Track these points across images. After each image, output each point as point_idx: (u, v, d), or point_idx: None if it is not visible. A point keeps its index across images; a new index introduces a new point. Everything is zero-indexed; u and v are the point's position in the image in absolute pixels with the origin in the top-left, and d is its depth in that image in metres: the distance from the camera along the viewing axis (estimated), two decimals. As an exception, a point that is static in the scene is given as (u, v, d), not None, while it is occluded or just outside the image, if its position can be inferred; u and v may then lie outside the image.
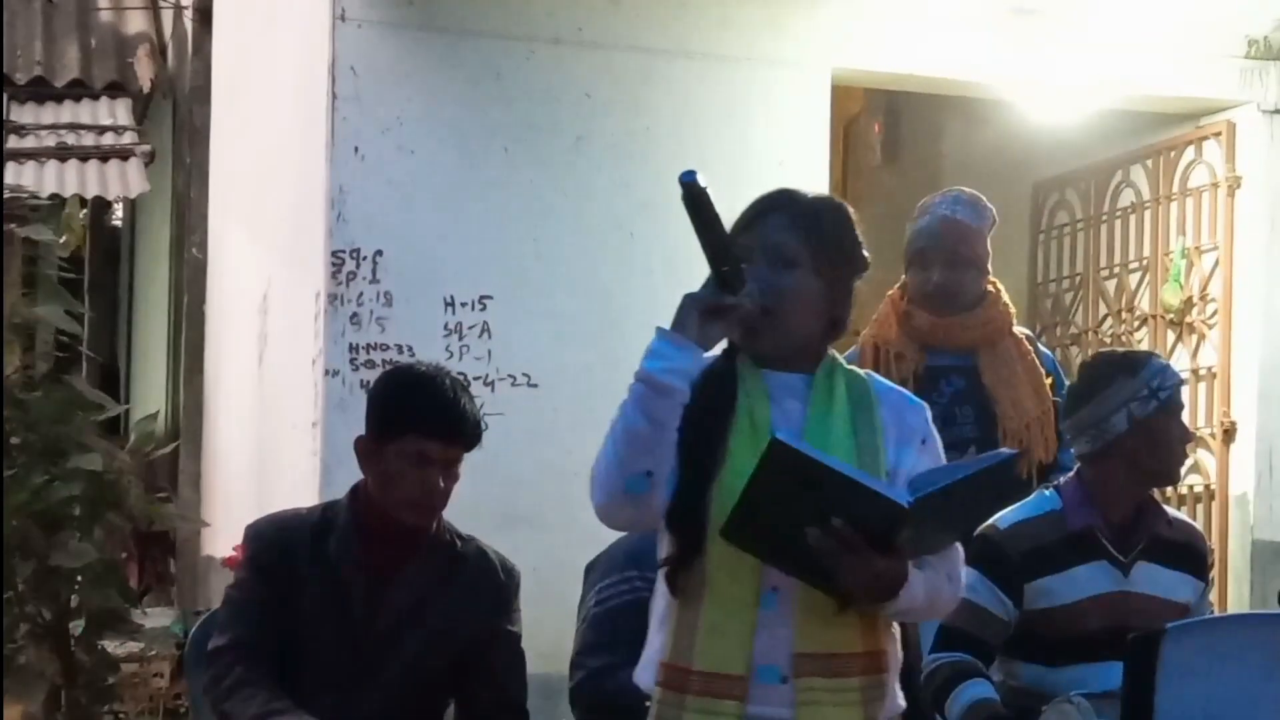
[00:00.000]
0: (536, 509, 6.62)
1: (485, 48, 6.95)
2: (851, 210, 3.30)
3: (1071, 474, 4.37)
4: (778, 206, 3.20)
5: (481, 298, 6.90)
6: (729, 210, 3.11)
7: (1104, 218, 8.71)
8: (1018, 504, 4.37)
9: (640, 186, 6.92)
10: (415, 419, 3.98)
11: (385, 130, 6.83)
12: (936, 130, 9.92)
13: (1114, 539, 4.27)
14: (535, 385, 6.87)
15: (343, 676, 4.03)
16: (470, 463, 4.10)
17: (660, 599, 3.20)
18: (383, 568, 4.06)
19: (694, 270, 3.11)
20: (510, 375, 6.90)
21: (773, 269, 3.14)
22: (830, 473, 2.97)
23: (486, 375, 6.82)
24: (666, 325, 3.04)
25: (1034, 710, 4.11)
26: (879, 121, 9.89)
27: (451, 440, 3.98)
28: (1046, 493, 4.37)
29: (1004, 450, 3.13)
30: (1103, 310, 8.68)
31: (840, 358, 3.26)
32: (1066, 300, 8.93)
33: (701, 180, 3.01)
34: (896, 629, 3.25)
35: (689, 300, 3.03)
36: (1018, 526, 4.27)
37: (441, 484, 4.00)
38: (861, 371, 3.28)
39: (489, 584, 4.15)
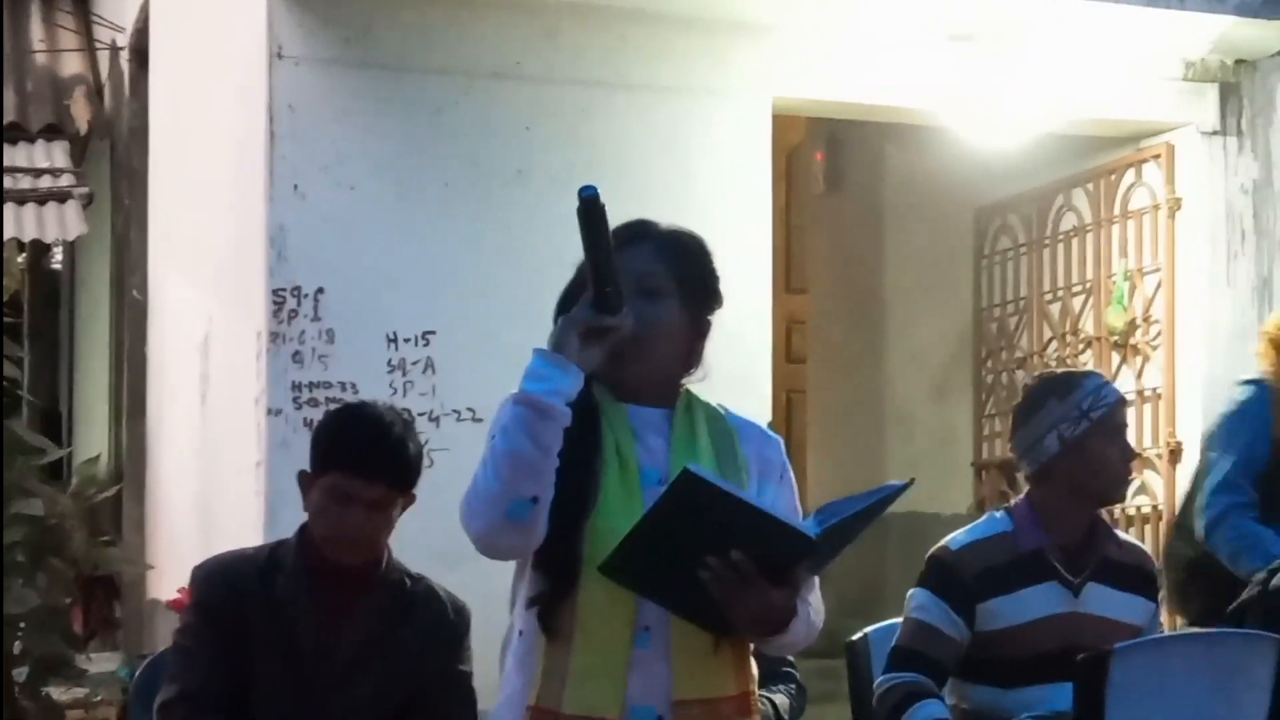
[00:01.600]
0: (482, 546, 6.57)
1: (423, 83, 6.92)
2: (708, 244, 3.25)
3: (1022, 496, 4.37)
4: (642, 236, 3.15)
5: (424, 333, 6.87)
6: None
7: (1046, 242, 8.74)
8: (970, 525, 4.39)
9: (581, 219, 6.88)
10: (337, 456, 3.95)
11: (324, 167, 6.79)
12: (879, 158, 9.96)
13: (1064, 560, 4.26)
14: (480, 420, 6.82)
15: (293, 717, 3.99)
16: (418, 499, 4.06)
17: (520, 639, 3.12)
18: (332, 608, 4.02)
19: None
20: (455, 410, 6.86)
21: (641, 298, 3.07)
22: (740, 505, 2.93)
23: (431, 411, 6.78)
24: None
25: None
26: (821, 150, 9.90)
27: (371, 479, 3.93)
28: (998, 514, 4.37)
29: (896, 482, 3.12)
30: (1047, 333, 8.70)
31: (695, 393, 3.22)
32: (1011, 324, 8.96)
33: (600, 198, 2.94)
34: (755, 670, 3.22)
35: (569, 321, 2.97)
36: (969, 548, 4.27)
37: (363, 523, 3.95)
38: (715, 404, 3.23)
39: (439, 623, 4.11)
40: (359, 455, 3.94)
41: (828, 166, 9.96)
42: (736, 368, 6.61)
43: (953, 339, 9.44)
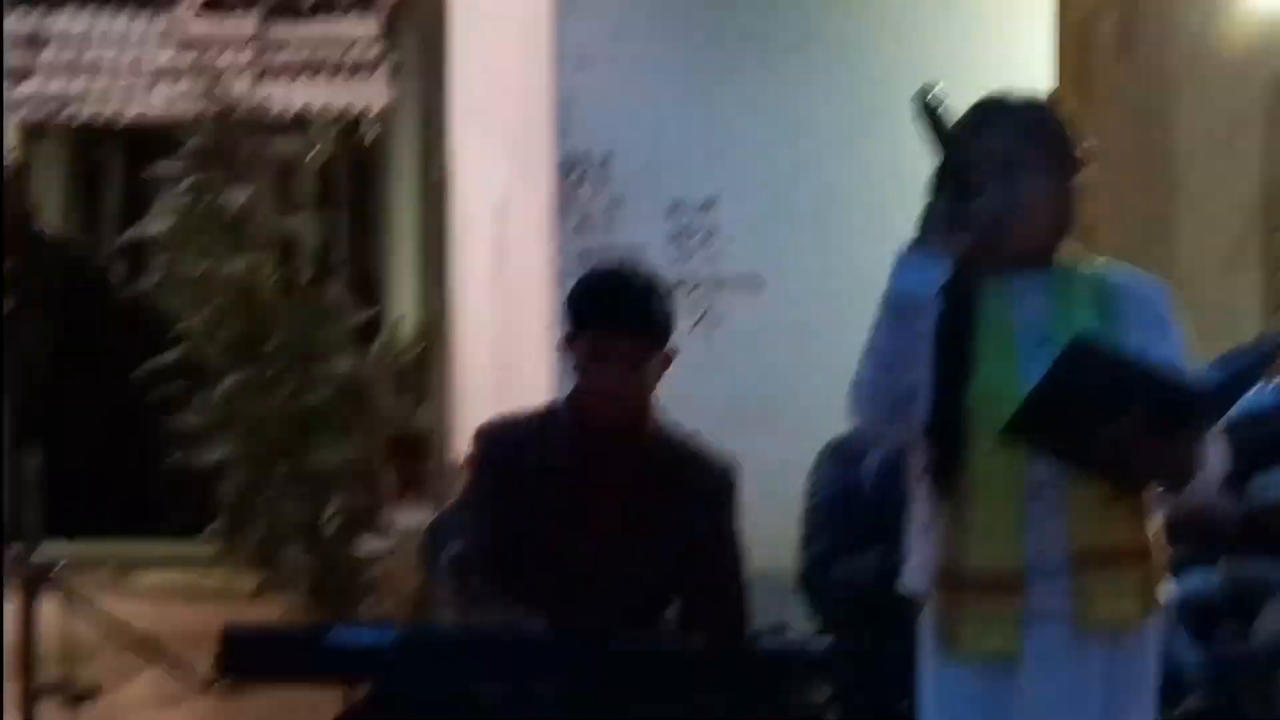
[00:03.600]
0: (764, 409, 6.66)
1: (707, -49, 7.00)
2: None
3: None
4: (999, 112, 3.20)
5: (707, 201, 6.97)
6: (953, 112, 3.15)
7: (1344, 107, 8.50)
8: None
9: (863, 88, 6.91)
10: (587, 315, 4.03)
11: (609, 36, 6.88)
12: (1171, 22, 9.72)
13: None
14: (762, 286, 6.93)
15: (567, 576, 4.08)
16: (699, 363, 4.16)
17: (922, 505, 3.23)
18: (603, 466, 4.09)
19: (916, 172, 3.16)
20: (737, 277, 6.97)
21: (1005, 175, 3.13)
22: (1132, 367, 3.01)
23: (714, 277, 6.91)
24: (894, 228, 3.11)
25: (1258, 609, 4.12)
26: (1112, 15, 9.71)
27: (619, 334, 3.99)
28: (1269, 386, 4.32)
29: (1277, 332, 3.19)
30: (1343, 202, 8.49)
31: (1072, 255, 3.24)
32: (1306, 194, 8.75)
33: (941, 93, 3.03)
34: (1157, 518, 3.25)
35: (932, 213, 3.06)
36: (1245, 418, 4.20)
37: (620, 379, 4.01)
38: (1098, 261, 3.27)
39: (708, 481, 4.15)
40: (606, 312, 4.01)
41: (1119, 32, 9.77)
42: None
43: (1244, 210, 9.23)
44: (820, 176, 6.98)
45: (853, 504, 4.30)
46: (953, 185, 3.05)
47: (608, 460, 4.11)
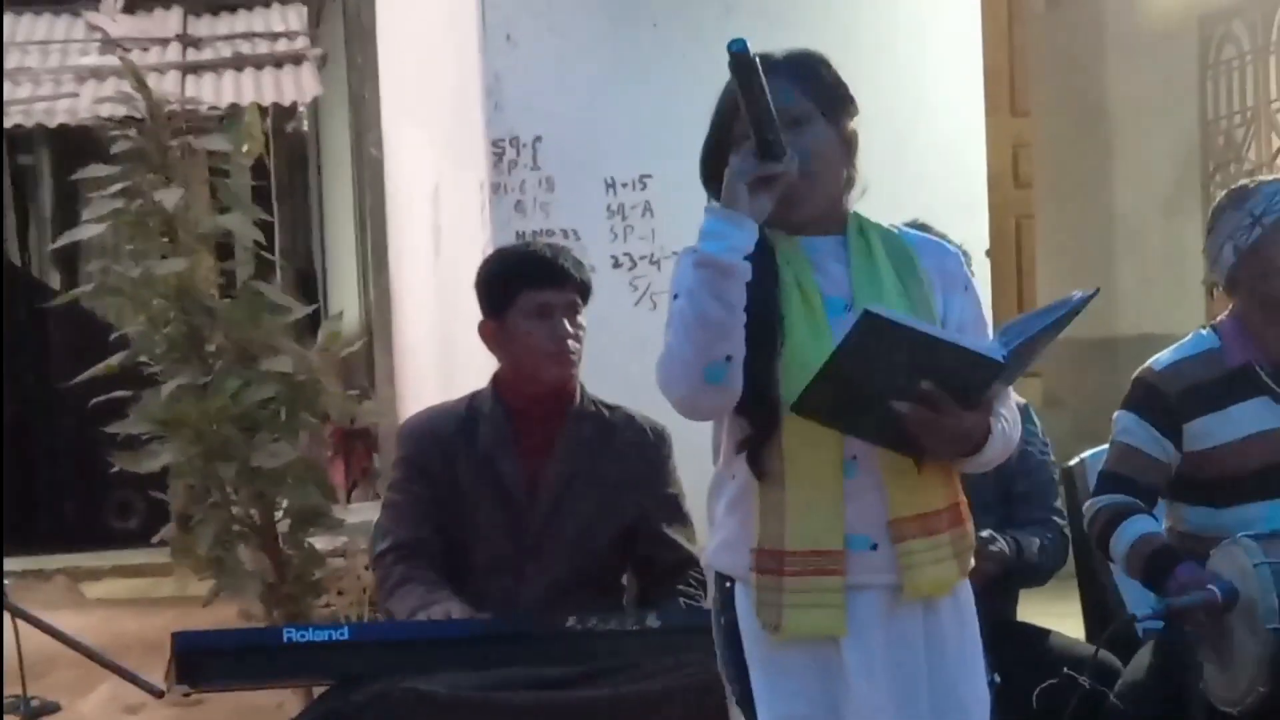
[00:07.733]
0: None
1: (628, -78, 6.93)
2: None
3: (1227, 312, 4.31)
4: (766, 70, 3.05)
5: (641, 177, 6.90)
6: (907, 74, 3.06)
7: (1273, 48, 8.51)
8: (1175, 344, 4.32)
9: (791, 54, 6.86)
10: (523, 276, 4.10)
11: (535, 14, 6.83)
12: (1097, -28, 9.74)
13: (1274, 374, 4.17)
14: (701, 262, 6.87)
15: (512, 559, 4.13)
16: (641, 338, 4.14)
17: (729, 482, 3.14)
18: (534, 447, 4.14)
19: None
20: (675, 252, 6.80)
21: (790, 130, 3.04)
22: (925, 338, 2.94)
23: (651, 254, 6.84)
24: None
25: (1203, 554, 4.03)
26: (1037, -33, 9.72)
27: (563, 284, 4.09)
28: (1204, 331, 4.29)
29: (1080, 293, 3.11)
30: (1276, 143, 8.51)
31: (863, 215, 3.20)
32: (1238, 136, 8.76)
33: (750, 49, 2.95)
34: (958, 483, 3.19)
35: (736, 174, 2.98)
36: (1175, 366, 4.22)
37: (569, 332, 4.08)
38: (886, 224, 3.22)
39: (641, 449, 4.22)
40: (541, 268, 4.10)
41: (1046, -18, 9.78)
42: (952, 191, 6.60)
43: (1180, 154, 9.26)
44: (754, 147, 6.91)
45: None
46: (759, 144, 2.97)
47: (539, 439, 4.16)
